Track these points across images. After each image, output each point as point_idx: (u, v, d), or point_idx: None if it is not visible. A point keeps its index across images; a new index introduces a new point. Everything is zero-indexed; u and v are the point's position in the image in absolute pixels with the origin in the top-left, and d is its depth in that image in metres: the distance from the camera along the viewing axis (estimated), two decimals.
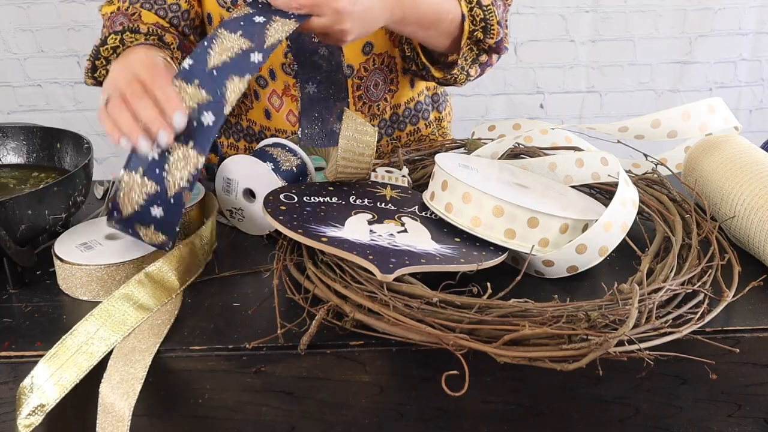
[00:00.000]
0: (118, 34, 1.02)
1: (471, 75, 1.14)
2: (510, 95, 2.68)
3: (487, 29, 1.09)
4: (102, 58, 1.03)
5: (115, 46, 1.01)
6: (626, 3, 2.57)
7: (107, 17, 1.10)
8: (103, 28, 1.10)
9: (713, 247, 0.89)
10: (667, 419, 0.83)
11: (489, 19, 1.08)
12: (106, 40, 1.02)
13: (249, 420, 0.80)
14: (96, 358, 0.76)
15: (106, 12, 1.11)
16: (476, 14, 1.07)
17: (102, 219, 0.94)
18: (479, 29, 1.09)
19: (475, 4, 1.07)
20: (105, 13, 1.12)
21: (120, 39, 1.01)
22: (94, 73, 1.05)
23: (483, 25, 1.08)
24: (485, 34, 1.09)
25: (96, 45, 1.03)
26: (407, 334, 0.74)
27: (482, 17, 1.08)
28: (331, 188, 0.95)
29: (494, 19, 1.08)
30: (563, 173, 1.02)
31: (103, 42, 1.02)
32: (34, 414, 0.72)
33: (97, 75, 1.06)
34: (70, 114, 2.55)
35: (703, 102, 1.06)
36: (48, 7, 2.46)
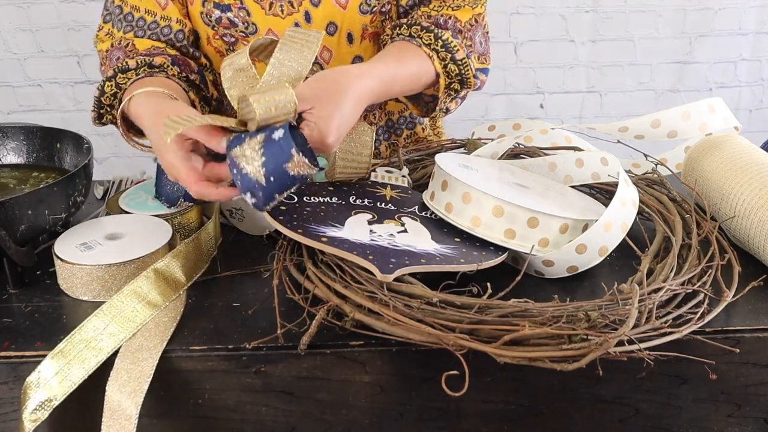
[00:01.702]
0: (111, 80, 1.04)
1: (451, 109, 1.14)
2: (510, 95, 2.68)
3: (464, 81, 1.08)
4: (105, 107, 1.06)
5: (114, 92, 1.04)
6: (626, 3, 2.57)
7: (103, 55, 1.11)
8: (101, 66, 1.12)
9: (713, 247, 0.89)
10: (667, 419, 0.83)
11: (465, 73, 1.07)
12: (104, 89, 1.04)
13: (249, 420, 0.80)
14: (104, 354, 0.76)
15: (102, 49, 1.12)
16: (451, 70, 1.07)
17: (102, 219, 0.94)
18: (456, 82, 1.08)
19: (449, 61, 1.06)
20: (101, 50, 1.12)
21: (115, 84, 1.04)
22: (100, 120, 1.08)
23: (459, 79, 1.08)
24: (462, 85, 1.09)
25: (96, 96, 1.05)
26: (407, 334, 0.74)
27: (457, 72, 1.07)
28: (331, 188, 0.95)
29: (470, 72, 1.07)
30: (563, 173, 1.02)
31: (102, 92, 1.04)
32: (40, 409, 0.72)
33: (104, 121, 1.08)
34: (70, 114, 2.55)
35: (703, 102, 1.06)
36: (48, 7, 2.46)
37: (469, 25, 1.08)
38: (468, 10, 1.09)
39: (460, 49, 1.06)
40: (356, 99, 0.87)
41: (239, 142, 0.80)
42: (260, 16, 1.10)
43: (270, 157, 0.78)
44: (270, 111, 0.78)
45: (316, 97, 0.84)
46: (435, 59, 1.05)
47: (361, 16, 1.11)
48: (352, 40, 1.14)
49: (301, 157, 0.77)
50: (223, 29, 1.12)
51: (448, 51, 1.05)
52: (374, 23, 1.13)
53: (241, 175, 0.79)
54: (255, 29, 1.11)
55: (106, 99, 1.04)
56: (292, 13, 1.10)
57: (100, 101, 1.05)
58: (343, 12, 1.10)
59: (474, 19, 1.09)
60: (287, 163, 0.77)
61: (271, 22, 1.11)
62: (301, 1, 1.09)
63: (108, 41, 1.11)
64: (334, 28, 1.12)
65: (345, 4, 1.10)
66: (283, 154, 0.77)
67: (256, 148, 0.78)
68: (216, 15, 1.10)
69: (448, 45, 1.05)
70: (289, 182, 0.79)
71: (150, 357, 0.76)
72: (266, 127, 0.79)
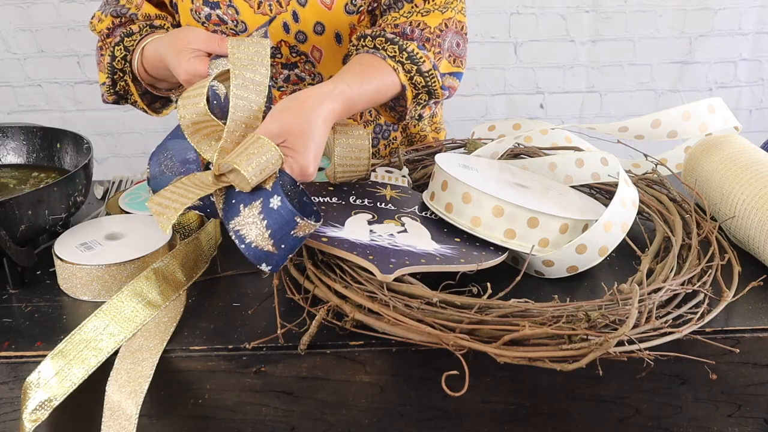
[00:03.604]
0: (120, 44, 1.06)
1: (424, 116, 1.13)
2: (510, 95, 2.68)
3: (432, 92, 1.07)
4: (118, 71, 1.07)
5: (123, 56, 1.06)
6: (626, 3, 2.57)
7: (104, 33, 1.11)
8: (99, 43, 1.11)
9: (713, 247, 0.89)
10: (667, 419, 0.83)
11: (431, 84, 1.06)
12: (114, 53, 1.06)
13: (249, 420, 0.80)
14: (104, 355, 0.76)
15: (102, 29, 1.11)
16: (417, 82, 1.05)
17: (102, 219, 0.94)
18: (423, 93, 1.07)
19: (415, 73, 1.04)
20: (101, 30, 1.11)
21: (123, 47, 1.06)
22: (114, 87, 1.08)
23: (426, 90, 1.06)
24: (430, 96, 1.08)
25: (107, 62, 1.07)
26: (407, 334, 0.74)
27: (424, 84, 1.05)
28: (331, 188, 0.95)
29: (437, 83, 1.06)
30: (563, 173, 1.02)
31: (113, 56, 1.06)
32: (40, 409, 0.72)
33: (117, 89, 1.09)
34: (70, 114, 2.55)
35: (703, 102, 1.06)
36: (48, 7, 2.46)
37: (438, 31, 1.07)
38: (437, 15, 1.08)
39: (426, 60, 1.05)
40: (323, 123, 0.87)
41: (235, 213, 0.78)
42: (249, 14, 1.10)
43: (275, 226, 0.76)
44: (260, 175, 0.77)
45: (287, 131, 0.83)
46: (400, 71, 1.04)
47: (347, 16, 1.11)
48: (341, 39, 1.13)
49: (305, 221, 0.76)
50: (213, 26, 1.12)
51: (413, 63, 1.04)
52: (362, 23, 1.13)
53: (248, 247, 0.77)
54: (244, 27, 1.11)
55: (118, 63, 1.06)
56: (280, 13, 1.10)
57: (113, 66, 1.06)
58: (329, 12, 1.10)
59: (444, 24, 1.08)
60: (294, 230, 0.76)
61: (260, 21, 1.11)
62: (288, 1, 1.09)
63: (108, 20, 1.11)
64: (322, 27, 1.12)
65: (330, 5, 1.10)
66: (287, 223, 0.76)
67: (257, 216, 0.77)
68: (205, 12, 1.11)
69: (413, 57, 1.04)
70: (298, 243, 0.78)
71: (150, 357, 0.76)
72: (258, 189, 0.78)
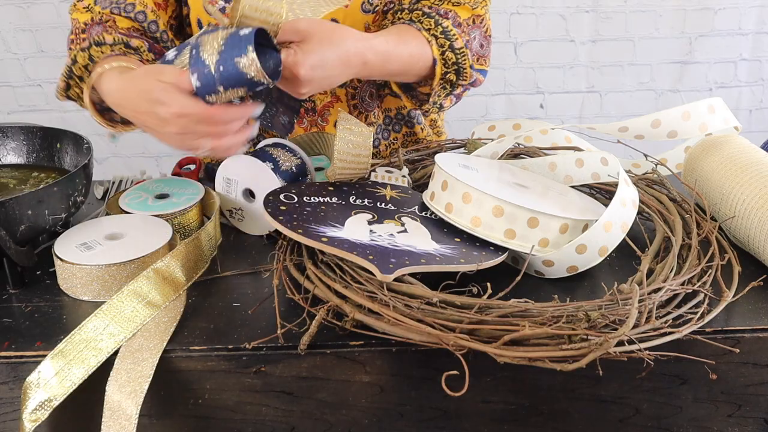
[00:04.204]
0: (85, 51, 1.03)
1: (444, 106, 1.13)
2: (510, 95, 2.68)
3: (460, 72, 1.07)
4: (75, 77, 1.04)
5: (86, 64, 1.02)
6: (626, 3, 2.57)
7: (78, 26, 1.08)
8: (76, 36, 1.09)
9: (713, 247, 0.89)
10: (667, 419, 0.83)
11: (462, 62, 1.06)
12: (76, 59, 1.03)
13: (249, 420, 0.80)
14: (104, 355, 0.76)
15: (77, 19, 1.09)
16: (448, 58, 1.05)
17: (102, 219, 0.94)
18: (452, 72, 1.07)
19: (447, 48, 1.05)
20: (76, 18, 1.09)
21: (88, 55, 1.02)
22: (67, 91, 1.06)
23: (455, 69, 1.07)
24: (458, 76, 1.08)
25: (68, 64, 1.04)
26: (407, 334, 0.74)
27: (454, 60, 1.06)
28: (331, 188, 0.95)
29: (467, 62, 1.06)
30: (563, 173, 1.01)
31: (74, 61, 1.03)
32: (40, 409, 0.72)
33: (69, 93, 1.06)
34: (70, 114, 2.55)
35: (703, 102, 1.06)
36: (48, 7, 2.46)
37: (467, 24, 1.08)
38: (467, 9, 1.09)
39: (458, 38, 1.05)
40: (345, 55, 0.87)
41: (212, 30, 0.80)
42: None
43: (227, 47, 0.78)
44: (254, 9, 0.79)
45: (309, 33, 0.85)
46: (433, 44, 1.04)
47: (363, 15, 1.11)
48: None
49: (254, 58, 0.77)
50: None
51: (447, 38, 1.04)
52: (376, 23, 1.13)
53: (196, 58, 0.79)
54: None
55: (77, 69, 1.03)
56: None
57: (71, 70, 1.03)
58: (345, 10, 1.10)
59: (472, 20, 1.09)
60: (240, 57, 0.78)
61: None
62: None
63: (87, 14, 1.09)
64: None
65: (347, 3, 1.10)
66: (239, 49, 0.78)
67: (220, 38, 0.79)
68: (220, 5, 1.10)
69: (447, 32, 1.04)
70: (235, 79, 0.79)
71: (150, 357, 0.76)
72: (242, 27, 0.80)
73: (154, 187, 1.01)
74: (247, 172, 0.97)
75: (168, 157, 2.59)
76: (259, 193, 0.97)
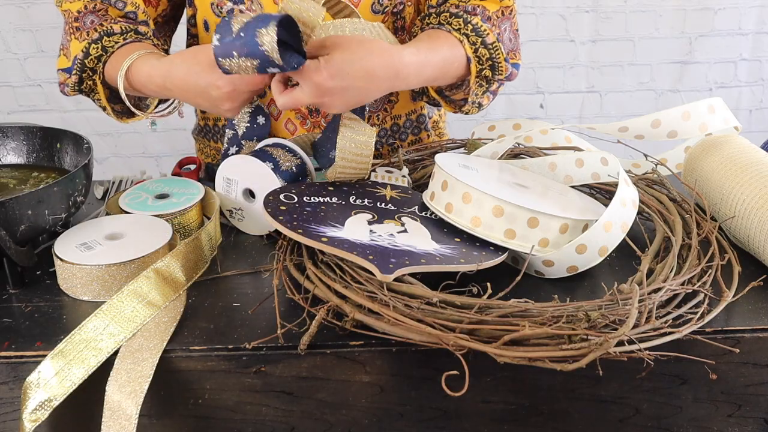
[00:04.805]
0: (97, 43, 1.03)
1: (483, 104, 1.13)
2: (510, 95, 2.68)
3: (495, 67, 1.07)
4: (88, 70, 1.04)
5: (99, 55, 1.03)
6: (626, 3, 2.57)
7: (72, 15, 1.08)
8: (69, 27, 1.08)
9: (713, 247, 0.89)
10: (667, 419, 0.83)
11: (495, 57, 1.06)
12: (89, 51, 1.03)
13: (249, 420, 0.80)
14: (104, 355, 0.76)
15: (69, 9, 1.08)
16: (482, 54, 1.05)
17: (102, 219, 0.94)
18: (487, 68, 1.07)
19: (479, 45, 1.05)
20: (68, 9, 1.09)
21: (101, 47, 1.03)
22: (80, 85, 1.06)
23: (490, 64, 1.06)
24: (493, 72, 1.07)
25: (78, 57, 1.04)
26: (407, 334, 0.74)
27: (488, 56, 1.06)
28: (331, 188, 0.95)
29: (501, 56, 1.06)
30: (563, 173, 1.01)
31: (86, 54, 1.03)
32: (40, 409, 0.72)
33: (83, 87, 1.06)
34: (70, 114, 2.54)
35: (703, 102, 1.06)
36: (48, 7, 2.45)
37: (496, 16, 1.08)
38: (495, 1, 1.09)
39: (490, 33, 1.05)
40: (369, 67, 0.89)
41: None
42: (273, 10, 1.10)
43: (254, 20, 0.83)
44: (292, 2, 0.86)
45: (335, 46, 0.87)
46: (465, 43, 1.04)
47: (372, 15, 1.11)
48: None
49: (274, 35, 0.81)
50: None
51: (478, 35, 1.04)
52: (386, 23, 1.13)
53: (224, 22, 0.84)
54: None
55: (90, 62, 1.03)
56: None
57: (83, 63, 1.04)
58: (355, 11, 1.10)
59: (501, 11, 1.09)
60: (260, 29, 0.82)
61: None
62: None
63: (79, 3, 1.08)
64: None
65: (357, 3, 1.10)
66: (263, 22, 0.82)
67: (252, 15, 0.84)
68: (228, 6, 1.10)
69: (477, 29, 1.04)
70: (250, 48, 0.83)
71: (150, 357, 0.76)
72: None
73: (154, 187, 1.01)
74: (247, 172, 0.97)
75: (168, 157, 2.59)
76: (259, 193, 0.97)
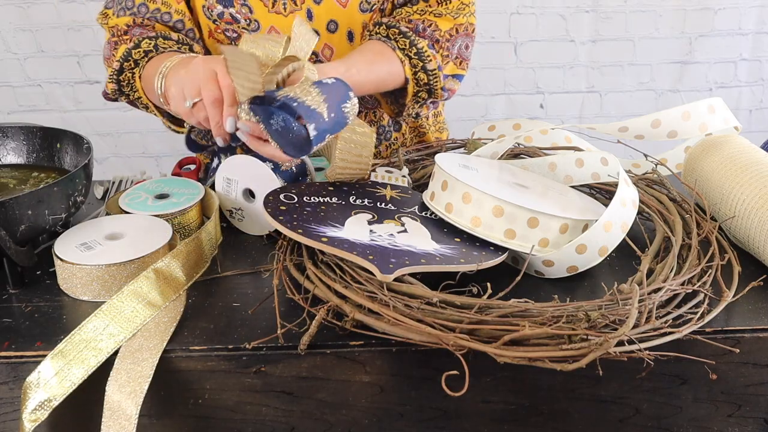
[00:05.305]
0: (152, 40, 1.04)
1: (421, 114, 1.16)
2: (510, 95, 2.68)
3: (432, 92, 1.10)
4: (131, 61, 1.05)
5: (148, 50, 1.04)
6: (626, 3, 2.57)
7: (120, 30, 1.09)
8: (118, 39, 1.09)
9: (713, 247, 0.89)
10: (667, 419, 0.83)
11: (433, 84, 1.09)
12: (140, 44, 1.04)
13: (249, 420, 0.80)
14: (104, 355, 0.76)
15: (118, 24, 1.10)
16: (420, 78, 1.09)
17: (102, 219, 0.94)
18: (423, 91, 1.10)
19: (419, 69, 1.08)
20: (116, 24, 1.10)
21: (154, 44, 1.04)
22: (119, 75, 1.07)
23: (427, 89, 1.09)
24: (429, 95, 1.10)
25: (128, 47, 1.05)
26: (407, 334, 0.74)
27: (426, 81, 1.09)
28: (331, 188, 0.95)
29: (438, 84, 1.09)
30: (563, 173, 1.02)
31: (137, 45, 1.04)
32: (40, 409, 0.72)
33: (122, 78, 1.07)
34: (70, 114, 2.54)
35: (703, 102, 1.06)
36: (48, 7, 2.45)
37: (448, 35, 1.10)
38: (449, 20, 1.10)
39: (432, 59, 1.08)
40: None
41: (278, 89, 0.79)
42: (263, 13, 1.10)
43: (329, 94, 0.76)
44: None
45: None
46: (406, 65, 1.07)
47: (361, 14, 1.12)
48: (353, 37, 1.14)
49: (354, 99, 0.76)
50: (225, 24, 1.12)
51: (420, 59, 1.08)
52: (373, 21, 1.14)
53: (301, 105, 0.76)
54: (257, 26, 1.11)
55: (138, 53, 1.05)
56: (294, 11, 1.10)
57: (130, 53, 1.05)
58: (344, 10, 1.11)
59: (455, 29, 1.11)
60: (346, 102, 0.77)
61: (274, 20, 1.11)
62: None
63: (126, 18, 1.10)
64: (335, 26, 1.12)
65: (345, 3, 1.10)
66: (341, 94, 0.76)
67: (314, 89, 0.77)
68: (218, 10, 1.10)
69: (421, 54, 1.07)
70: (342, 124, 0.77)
71: (150, 357, 0.76)
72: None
73: (154, 187, 1.01)
74: (247, 172, 0.97)
75: (168, 157, 2.59)
76: (259, 193, 0.97)
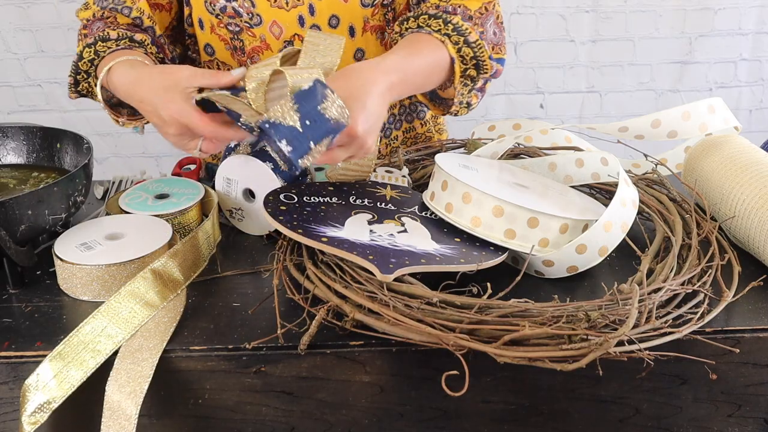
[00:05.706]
0: (91, 47, 1.05)
1: (472, 104, 1.12)
2: (510, 95, 2.68)
3: (480, 66, 1.06)
4: (82, 72, 1.07)
5: (92, 59, 1.05)
6: (626, 3, 2.57)
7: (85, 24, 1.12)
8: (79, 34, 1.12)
9: (713, 247, 0.89)
10: (667, 419, 0.83)
11: (479, 55, 1.05)
12: (82, 54, 1.05)
13: (249, 420, 0.80)
14: (103, 356, 0.76)
15: (83, 17, 1.13)
16: (465, 54, 1.04)
17: (102, 219, 0.94)
18: (471, 67, 1.06)
19: (462, 44, 1.04)
20: (83, 18, 1.13)
21: (94, 51, 1.05)
22: (77, 87, 1.09)
23: (474, 63, 1.06)
24: (478, 70, 1.07)
25: (74, 60, 1.07)
26: (407, 334, 0.74)
27: (472, 55, 1.05)
28: (331, 188, 0.95)
29: (485, 54, 1.05)
30: (563, 173, 1.02)
31: (80, 57, 1.06)
32: (39, 411, 0.72)
33: (80, 89, 1.09)
34: (70, 114, 2.54)
35: (703, 102, 1.06)
36: (48, 7, 2.46)
37: (479, 14, 1.07)
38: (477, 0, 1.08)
39: (472, 31, 1.04)
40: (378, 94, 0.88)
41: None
42: (265, 7, 1.10)
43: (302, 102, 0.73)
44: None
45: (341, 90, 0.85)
46: (448, 43, 1.03)
47: (362, 8, 1.11)
48: (354, 33, 1.13)
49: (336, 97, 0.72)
50: (228, 18, 1.12)
51: (459, 34, 1.03)
52: (375, 16, 1.13)
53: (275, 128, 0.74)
54: (260, 20, 1.11)
55: (84, 64, 1.05)
56: (296, 6, 1.10)
57: (77, 66, 1.06)
58: (345, 5, 1.10)
59: (484, 8, 1.07)
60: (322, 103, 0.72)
61: (275, 14, 1.10)
62: None
63: (88, 11, 1.12)
64: (336, 20, 1.12)
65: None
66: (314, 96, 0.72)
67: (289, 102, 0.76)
68: (220, 4, 1.10)
69: (459, 28, 1.03)
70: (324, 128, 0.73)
71: (150, 357, 0.76)
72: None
73: (154, 187, 1.01)
74: (247, 172, 0.97)
75: (168, 157, 2.59)
76: (259, 193, 0.97)
